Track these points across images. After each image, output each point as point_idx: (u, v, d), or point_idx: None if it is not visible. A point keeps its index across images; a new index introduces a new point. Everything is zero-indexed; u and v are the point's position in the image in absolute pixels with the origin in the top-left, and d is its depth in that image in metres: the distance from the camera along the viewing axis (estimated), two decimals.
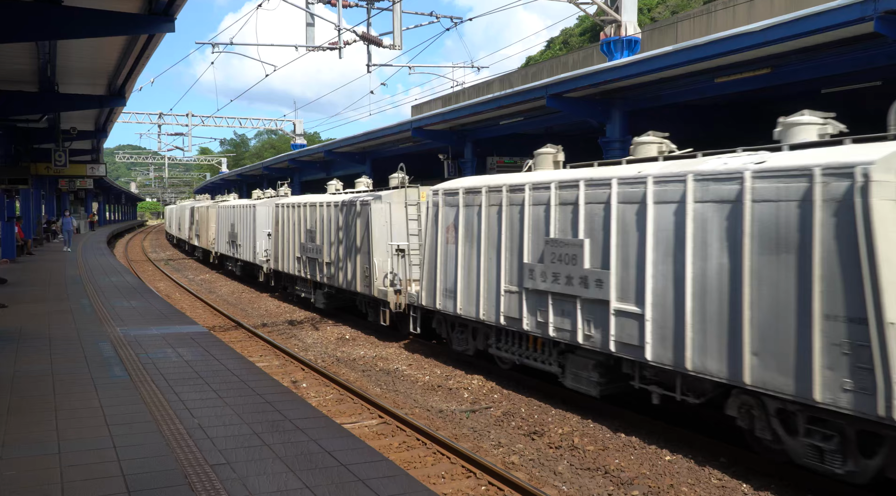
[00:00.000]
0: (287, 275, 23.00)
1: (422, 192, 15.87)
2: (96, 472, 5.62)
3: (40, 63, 18.14)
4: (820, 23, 10.24)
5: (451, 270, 13.18)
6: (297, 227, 21.86)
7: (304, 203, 21.24)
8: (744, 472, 8.24)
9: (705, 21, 27.95)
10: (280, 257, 23.17)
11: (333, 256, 19.05)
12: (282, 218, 23.09)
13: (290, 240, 22.31)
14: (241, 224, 28.32)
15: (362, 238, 17.25)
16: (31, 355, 9.98)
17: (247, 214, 27.32)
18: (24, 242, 29.77)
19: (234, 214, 29.60)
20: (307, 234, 20.85)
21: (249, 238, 26.85)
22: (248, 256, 27.10)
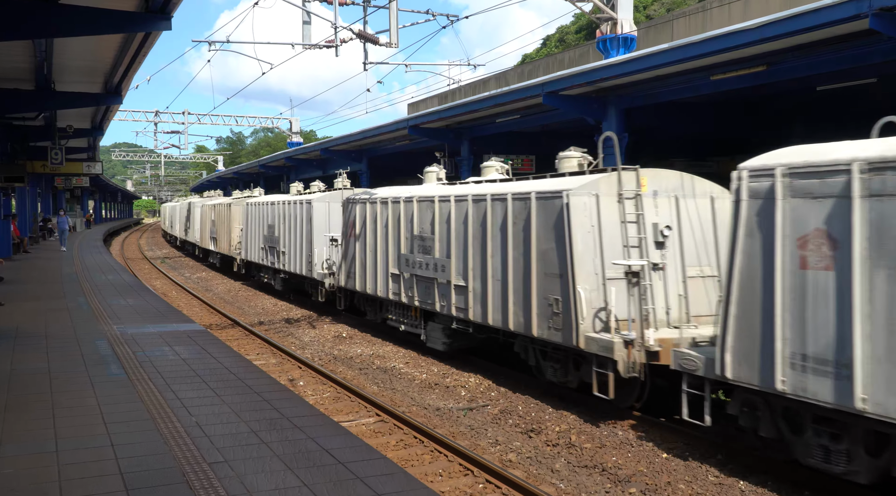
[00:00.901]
0: (375, 297, 16.69)
1: None
2: (94, 471, 5.62)
3: (37, 61, 18.10)
4: (815, 20, 10.26)
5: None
6: (394, 229, 15.68)
7: (411, 196, 14.93)
8: (740, 470, 8.27)
9: (700, 19, 27.97)
10: (358, 273, 17.31)
11: None
12: (367, 218, 16.90)
13: (383, 247, 16.10)
14: (284, 225, 22.78)
15: None
16: (27, 353, 9.97)
17: (296, 213, 21.89)
18: (21, 240, 29.71)
19: (275, 213, 24.08)
20: (414, 240, 14.80)
21: (299, 244, 21.54)
22: (296, 267, 21.62)
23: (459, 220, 13.09)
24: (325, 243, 19.62)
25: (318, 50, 22.62)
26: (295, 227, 21.70)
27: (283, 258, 22.55)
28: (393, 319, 15.72)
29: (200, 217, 38.14)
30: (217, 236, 33.38)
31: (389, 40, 20.13)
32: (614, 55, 19.63)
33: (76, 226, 54.99)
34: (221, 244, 32.35)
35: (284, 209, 22.65)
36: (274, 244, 23.43)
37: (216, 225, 33.51)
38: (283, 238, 22.65)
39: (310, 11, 22.11)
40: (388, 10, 19.95)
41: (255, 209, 26.18)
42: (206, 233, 36.00)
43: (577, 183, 10.45)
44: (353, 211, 17.49)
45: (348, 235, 17.68)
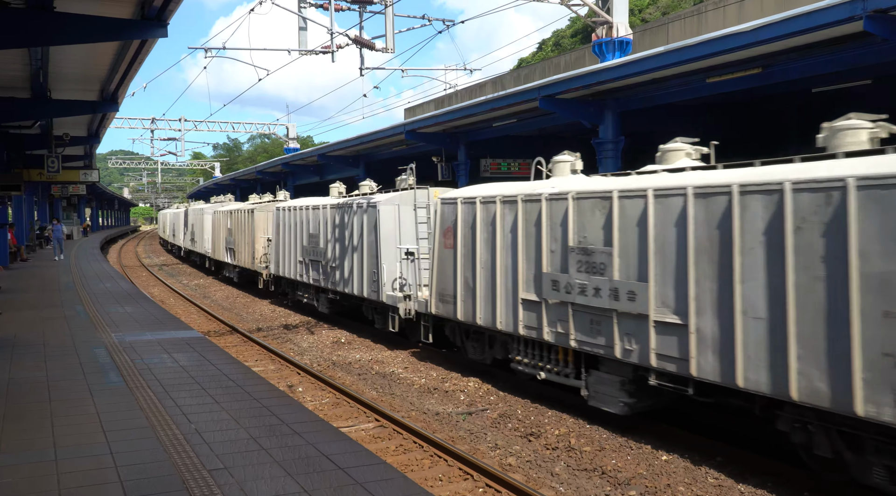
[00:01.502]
0: (490, 331, 12.64)
1: None
2: (93, 479, 5.61)
3: (33, 69, 18.10)
4: (810, 22, 10.30)
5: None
6: None
7: (562, 193, 11.10)
8: (740, 472, 8.27)
9: (696, 21, 28.06)
10: (461, 297, 13.05)
11: None
12: (478, 223, 12.59)
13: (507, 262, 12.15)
14: (333, 234, 18.53)
15: None
16: (26, 362, 9.95)
17: (350, 219, 17.61)
18: (18, 249, 29.67)
19: (318, 219, 19.61)
20: (569, 253, 10.96)
21: (357, 258, 17.16)
22: (352, 287, 17.35)
23: (665, 226, 8.83)
24: (396, 257, 15.69)
25: (315, 56, 22.67)
26: (350, 236, 17.57)
27: (333, 275, 18.47)
28: (525, 362, 11.41)
29: (212, 225, 33.51)
30: (235, 247, 28.61)
31: (385, 45, 20.17)
32: (610, 59, 19.68)
33: (73, 233, 54.95)
34: (241, 256, 27.58)
35: (333, 215, 18.52)
36: (318, 257, 19.37)
37: (234, 234, 28.79)
38: (332, 250, 18.53)
39: (306, 17, 22.17)
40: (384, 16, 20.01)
41: (289, 215, 21.59)
42: (220, 243, 31.28)
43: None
44: (452, 214, 12.95)
45: (443, 246, 13.29)
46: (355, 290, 17.21)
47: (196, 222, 37.62)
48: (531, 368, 11.31)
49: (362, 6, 19.68)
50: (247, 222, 26.65)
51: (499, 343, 12.30)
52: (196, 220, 37.64)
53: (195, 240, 38.47)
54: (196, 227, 37.63)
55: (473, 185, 13.92)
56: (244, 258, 27.28)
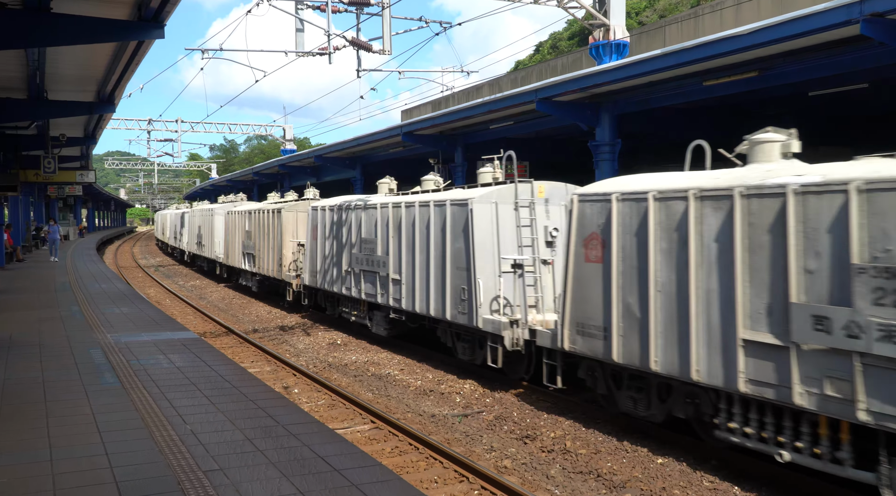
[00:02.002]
0: None
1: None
2: (89, 479, 5.60)
3: (29, 70, 18.07)
4: (806, 26, 10.32)
5: None
6: None
7: None
8: (735, 475, 8.28)
9: (692, 25, 28.12)
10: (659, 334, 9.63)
11: None
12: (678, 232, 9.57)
13: None
14: (398, 238, 15.28)
15: None
16: (21, 362, 9.93)
17: (422, 218, 14.41)
18: (14, 249, 29.61)
19: (372, 220, 16.39)
20: None
21: (435, 269, 13.83)
22: (428, 305, 13.99)
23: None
24: (495, 270, 12.27)
25: (312, 57, 22.67)
26: (423, 242, 14.10)
27: (396, 290, 15.07)
28: (743, 432, 8.03)
29: (226, 227, 30.22)
30: (255, 252, 25.15)
31: (383, 47, 20.18)
32: (607, 61, 19.72)
33: (69, 234, 54.86)
34: (263, 263, 24.24)
35: (396, 215, 15.23)
36: (373, 267, 16.04)
37: (253, 237, 25.54)
38: (394, 259, 15.12)
39: (303, 19, 22.18)
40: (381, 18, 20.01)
41: (331, 215, 18.65)
42: (236, 247, 27.96)
43: None
44: (601, 215, 9.73)
45: (583, 259, 10.03)
46: (431, 310, 13.73)
47: (204, 224, 34.39)
48: (756, 442, 7.94)
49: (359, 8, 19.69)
50: (271, 224, 23.40)
51: (681, 396, 8.93)
52: (204, 221, 34.45)
53: (203, 243, 34.97)
54: (204, 230, 34.34)
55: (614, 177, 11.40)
56: (267, 265, 23.87)
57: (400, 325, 15.58)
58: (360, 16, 19.56)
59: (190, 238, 39.18)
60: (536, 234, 12.31)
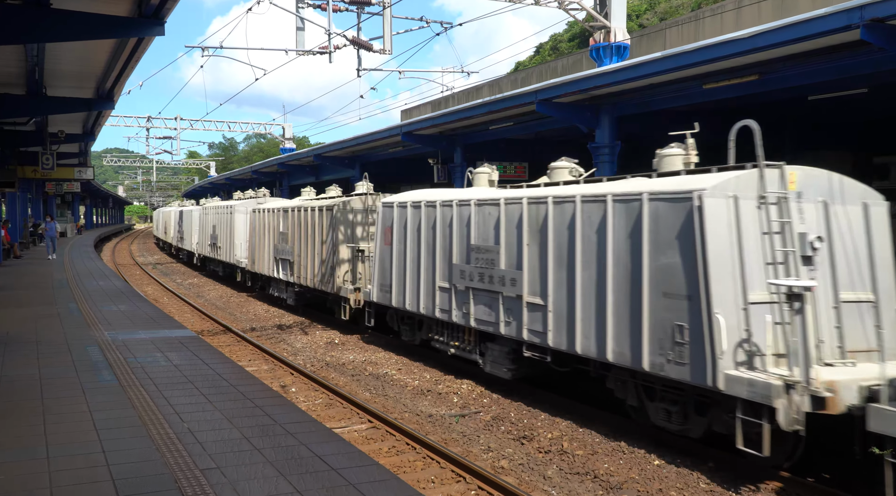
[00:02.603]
0: None
1: None
2: (85, 477, 5.59)
3: (28, 66, 18.05)
4: (807, 30, 10.34)
5: None
6: None
7: None
8: (732, 477, 8.29)
9: (693, 28, 28.15)
10: None
11: None
12: None
13: None
14: (572, 247, 10.50)
15: None
16: (18, 359, 9.91)
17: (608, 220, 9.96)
18: (11, 246, 29.56)
19: (526, 217, 11.49)
20: None
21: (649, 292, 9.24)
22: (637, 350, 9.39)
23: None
24: (738, 300, 8.15)
25: (312, 56, 22.66)
26: (594, 254, 9.98)
27: (541, 319, 10.89)
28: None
29: (252, 228, 25.56)
30: (294, 259, 21.05)
31: (383, 47, 20.18)
32: (607, 63, 19.73)
33: (66, 231, 54.78)
34: (304, 271, 20.30)
35: (536, 214, 11.12)
36: (493, 284, 11.91)
37: (291, 241, 21.29)
38: (535, 274, 11.00)
39: (303, 18, 22.18)
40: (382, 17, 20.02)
41: (422, 214, 14.22)
42: (265, 252, 23.71)
43: None
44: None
45: None
46: (628, 358, 9.30)
47: (220, 223, 30.31)
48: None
49: (360, 7, 19.69)
50: (318, 225, 19.40)
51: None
52: (220, 220, 30.36)
53: (218, 245, 30.67)
54: (221, 230, 29.93)
55: None
56: (310, 274, 19.91)
57: (535, 365, 11.59)
58: (360, 15, 19.56)
59: (198, 239, 34.62)
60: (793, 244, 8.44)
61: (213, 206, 32.61)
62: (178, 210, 44.99)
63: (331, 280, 18.62)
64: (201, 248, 34.43)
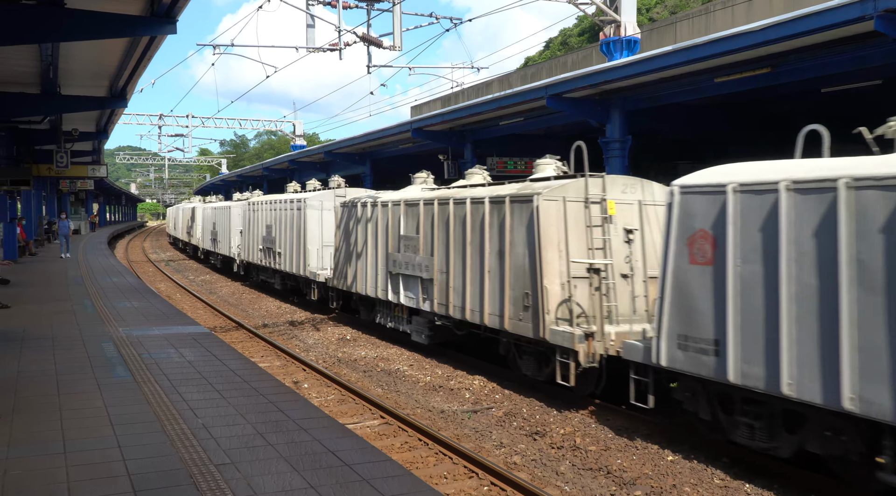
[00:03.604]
0: None
1: None
2: (101, 472, 5.65)
3: (43, 65, 18.18)
4: (819, 22, 10.27)
5: None
6: None
7: None
8: (746, 473, 8.27)
9: (704, 21, 27.99)
10: None
11: None
12: None
13: None
14: None
15: None
16: (34, 355, 10.01)
17: None
18: (26, 243, 29.80)
19: None
20: None
21: None
22: None
23: None
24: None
25: (322, 53, 22.69)
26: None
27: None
28: None
29: (346, 231, 18.08)
30: (451, 278, 13.53)
31: (393, 43, 20.17)
32: (618, 58, 19.65)
33: (80, 228, 55.13)
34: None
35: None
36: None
37: (426, 246, 14.13)
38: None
39: (314, 15, 22.20)
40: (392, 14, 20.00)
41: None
42: (365, 264, 16.89)
43: None
44: None
45: None
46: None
47: (277, 223, 23.53)
48: None
49: (370, 4, 19.69)
50: (510, 226, 12.28)
51: None
52: (279, 218, 23.26)
53: (276, 250, 23.51)
54: (281, 231, 23.29)
55: None
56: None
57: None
58: (370, 12, 19.56)
59: (249, 241, 28.93)
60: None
61: (266, 201, 25.59)
62: (206, 206, 38.70)
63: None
64: (247, 254, 28.03)
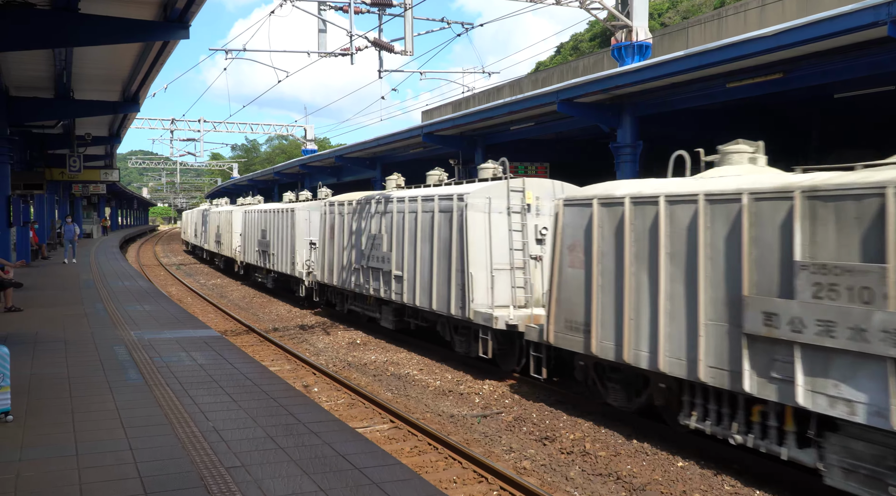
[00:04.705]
0: None
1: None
2: (114, 474, 5.68)
3: (56, 70, 18.35)
4: (832, 27, 10.23)
5: None
6: None
7: None
8: (757, 480, 8.22)
9: (716, 26, 27.91)
10: None
11: None
12: None
13: None
14: None
15: None
16: (47, 358, 10.08)
17: None
18: (39, 247, 30.01)
19: None
20: None
21: None
22: None
23: None
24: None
25: (334, 58, 22.77)
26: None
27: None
28: None
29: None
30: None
31: (404, 48, 20.22)
32: (629, 63, 19.64)
33: (93, 232, 55.44)
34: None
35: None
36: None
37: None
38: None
39: (325, 20, 22.30)
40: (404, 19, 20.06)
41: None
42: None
43: None
44: None
45: None
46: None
47: (403, 229, 15.70)
48: None
49: (382, 9, 19.75)
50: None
51: None
52: (402, 225, 15.69)
53: (398, 275, 15.65)
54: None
55: None
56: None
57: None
58: (382, 16, 19.61)
59: (336, 256, 23.96)
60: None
61: (357, 200, 18.47)
62: (233, 209, 32.97)
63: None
64: (326, 274, 20.38)
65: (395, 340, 16.80)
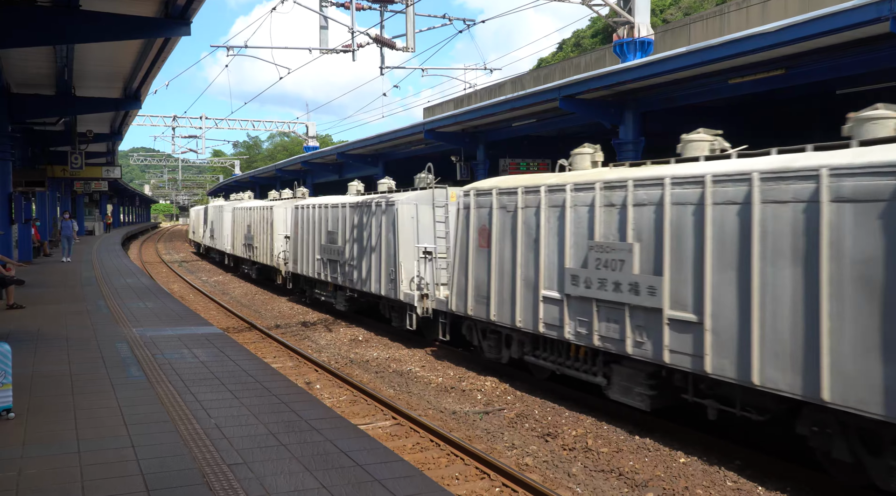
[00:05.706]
0: None
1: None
2: (115, 471, 5.69)
3: (58, 67, 18.35)
4: (834, 23, 10.20)
5: None
6: None
7: None
8: (759, 475, 8.22)
9: (718, 22, 27.85)
10: None
11: None
12: None
13: None
14: None
15: None
16: (49, 355, 10.09)
17: None
18: (41, 244, 30.03)
19: None
20: None
21: None
22: None
23: None
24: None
25: (335, 54, 22.77)
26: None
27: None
28: None
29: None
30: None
31: (406, 45, 20.22)
32: (631, 59, 19.59)
33: (95, 229, 55.49)
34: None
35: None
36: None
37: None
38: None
39: (327, 16, 22.30)
40: (405, 15, 20.05)
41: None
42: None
43: None
44: None
45: None
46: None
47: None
48: None
49: (383, 5, 19.74)
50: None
51: None
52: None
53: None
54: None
55: None
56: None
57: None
58: (383, 13, 19.61)
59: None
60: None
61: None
62: (272, 204, 26.54)
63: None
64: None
65: (397, 338, 16.81)
